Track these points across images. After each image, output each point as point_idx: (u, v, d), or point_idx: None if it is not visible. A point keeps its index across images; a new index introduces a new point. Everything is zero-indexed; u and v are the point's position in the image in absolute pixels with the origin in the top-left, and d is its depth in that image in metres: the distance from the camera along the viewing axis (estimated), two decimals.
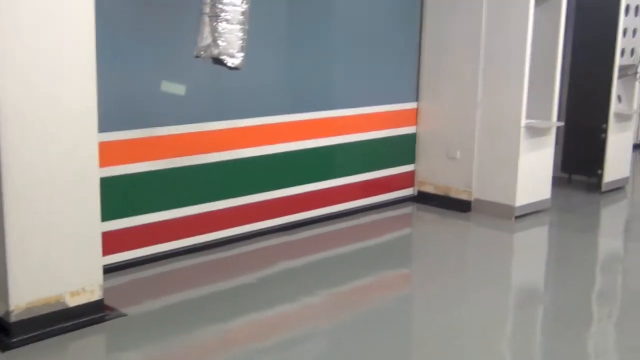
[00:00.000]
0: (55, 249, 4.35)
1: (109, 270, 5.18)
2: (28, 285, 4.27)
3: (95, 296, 4.57)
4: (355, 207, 7.39)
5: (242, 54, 4.95)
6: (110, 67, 5.01)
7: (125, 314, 4.75)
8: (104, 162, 4.98)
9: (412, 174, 7.91)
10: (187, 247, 5.98)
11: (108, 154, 5.18)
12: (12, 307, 4.21)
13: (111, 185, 5.26)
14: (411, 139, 7.84)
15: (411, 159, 7.88)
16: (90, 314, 4.55)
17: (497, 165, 7.40)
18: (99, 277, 4.60)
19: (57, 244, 4.35)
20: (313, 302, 5.16)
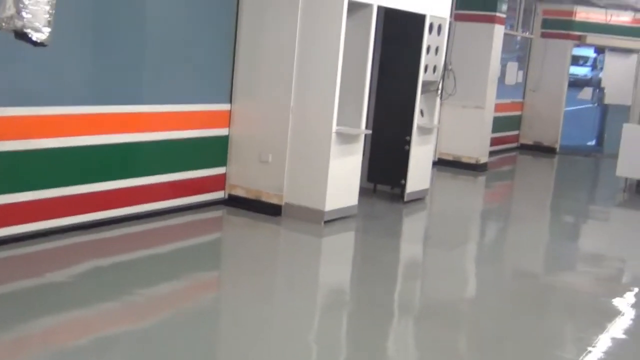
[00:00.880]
0: None
1: None
2: None
3: None
4: (165, 208, 7.13)
5: (49, 29, 4.58)
6: None
7: None
8: None
9: (223, 176, 7.77)
10: None
11: None
12: None
13: None
14: (223, 141, 7.72)
15: (223, 162, 7.75)
16: None
17: (308, 170, 7.48)
18: None
19: None
20: (119, 304, 4.87)
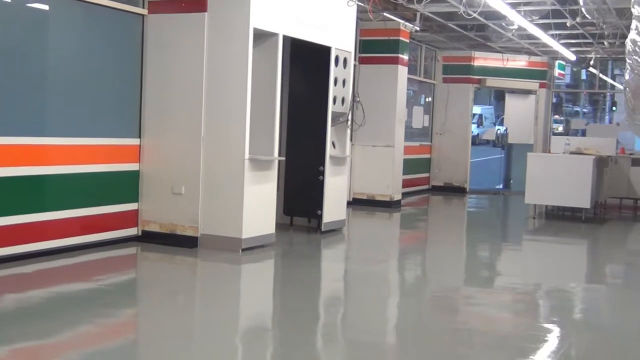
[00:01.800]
0: None
1: None
2: None
3: None
4: (75, 244, 6.85)
5: None
6: None
7: None
8: None
9: (135, 212, 7.56)
10: None
11: None
12: None
13: None
14: (133, 176, 7.54)
15: (134, 197, 7.55)
16: None
17: (222, 199, 7.37)
18: None
19: None
20: (23, 348, 4.41)
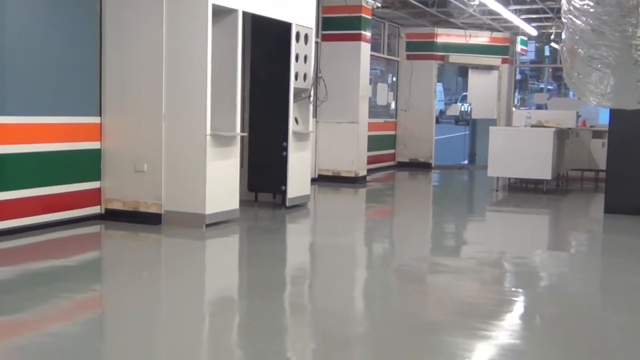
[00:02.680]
0: None
1: None
2: None
3: None
4: (37, 223, 6.83)
5: None
6: None
7: None
8: None
9: (98, 191, 7.54)
10: None
11: None
12: None
13: None
14: (95, 154, 7.50)
15: (96, 176, 7.52)
16: None
17: (185, 176, 7.37)
18: None
19: None
20: None
